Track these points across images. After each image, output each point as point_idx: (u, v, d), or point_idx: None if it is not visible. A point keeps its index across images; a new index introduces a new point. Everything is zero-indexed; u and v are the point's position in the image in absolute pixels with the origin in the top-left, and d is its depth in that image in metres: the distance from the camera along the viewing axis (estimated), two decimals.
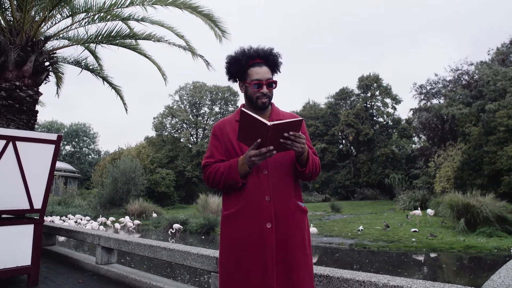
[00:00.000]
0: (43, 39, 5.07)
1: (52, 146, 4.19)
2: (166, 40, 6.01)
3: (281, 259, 1.61)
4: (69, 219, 17.88)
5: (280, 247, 1.62)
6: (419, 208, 15.43)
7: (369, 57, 75.20)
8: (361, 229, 13.00)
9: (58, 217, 18.10)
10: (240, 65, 1.82)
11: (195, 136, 39.53)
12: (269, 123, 1.49)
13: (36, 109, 4.98)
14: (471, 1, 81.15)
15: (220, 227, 1.79)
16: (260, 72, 1.79)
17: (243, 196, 1.68)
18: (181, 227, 14.92)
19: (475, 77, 21.56)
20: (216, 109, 40.37)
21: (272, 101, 1.90)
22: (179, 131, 39.25)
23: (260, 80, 1.77)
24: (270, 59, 1.83)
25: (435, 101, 24.87)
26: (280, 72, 1.91)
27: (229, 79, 1.90)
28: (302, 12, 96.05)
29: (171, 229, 14.74)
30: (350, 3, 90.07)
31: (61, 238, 11.45)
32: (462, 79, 22.90)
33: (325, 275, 2.19)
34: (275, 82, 1.82)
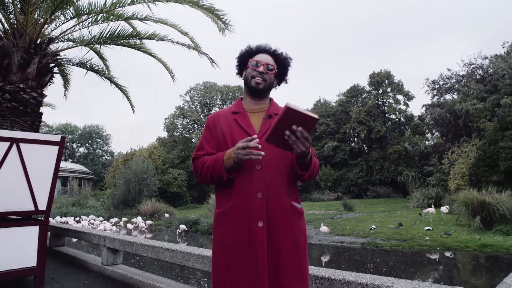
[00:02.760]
0: (46, 41, 5.08)
1: (56, 148, 4.19)
2: (170, 39, 5.98)
3: (272, 262, 1.52)
4: (83, 219, 18.10)
5: (271, 249, 1.53)
6: (433, 206, 15.12)
7: (382, 56, 74.49)
8: (374, 228, 12.80)
9: (72, 218, 18.36)
10: (247, 52, 1.79)
11: None
12: (290, 106, 1.30)
13: (40, 110, 5.00)
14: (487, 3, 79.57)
15: (213, 227, 1.72)
16: (262, 56, 1.76)
17: (234, 193, 1.59)
18: (186, 228, 15.03)
19: (489, 71, 21.03)
20: None
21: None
22: (190, 131, 39.47)
23: (258, 60, 1.73)
24: (277, 55, 1.79)
25: (448, 96, 24.38)
26: (286, 81, 1.86)
27: (237, 73, 1.86)
28: (317, 15, 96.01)
29: (178, 230, 14.86)
30: (364, 5, 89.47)
31: (75, 239, 11.59)
32: (476, 73, 22.39)
33: (326, 277, 2.10)
34: (275, 67, 1.76)
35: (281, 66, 1.79)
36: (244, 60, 1.80)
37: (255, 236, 1.52)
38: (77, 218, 18.84)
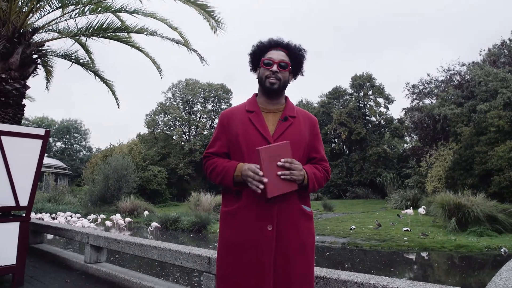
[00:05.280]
0: (31, 30, 4.90)
1: (40, 141, 4.05)
2: (159, 34, 5.87)
3: (280, 264, 1.52)
4: (60, 216, 17.58)
5: (279, 252, 1.53)
6: (411, 208, 15.48)
7: (365, 59, 75.77)
8: (353, 228, 13.01)
9: (48, 214, 17.81)
10: (260, 48, 1.74)
11: (187, 133, 39.29)
12: (259, 148, 1.46)
13: (23, 102, 4.82)
14: (470, 7, 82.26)
15: (219, 224, 1.70)
16: (274, 53, 1.70)
17: (245, 193, 1.58)
18: (158, 225, 14.93)
19: (466, 78, 21.71)
20: (209, 106, 40.16)
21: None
22: (171, 128, 38.97)
23: (271, 59, 1.67)
24: (291, 49, 1.73)
25: (427, 101, 25.01)
26: (302, 73, 1.81)
27: (250, 69, 1.81)
28: (306, 17, 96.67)
29: (150, 228, 14.70)
30: (352, 9, 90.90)
31: (50, 236, 11.26)
32: (454, 79, 23.06)
33: (321, 276, 2.12)
34: (289, 65, 1.70)
35: (295, 60, 1.74)
36: (257, 57, 1.74)
37: (264, 239, 1.52)
38: (53, 215, 18.27)
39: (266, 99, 1.72)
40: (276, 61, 1.67)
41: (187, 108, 39.48)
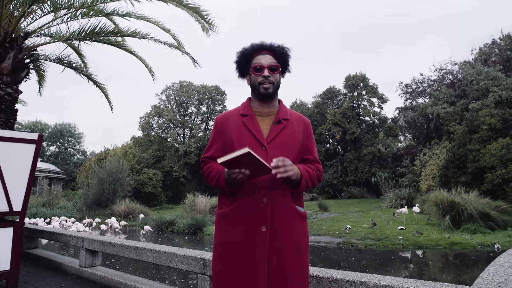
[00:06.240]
0: (22, 35, 4.89)
1: (33, 146, 4.04)
2: (152, 37, 5.88)
3: (274, 265, 1.54)
4: (54, 221, 17.47)
5: (274, 252, 1.55)
6: (405, 206, 15.59)
7: (359, 59, 76.15)
8: (349, 228, 13.07)
9: (42, 219, 17.70)
10: (244, 55, 1.76)
11: (182, 136, 39.20)
12: (219, 160, 1.45)
13: (16, 107, 4.81)
14: (466, 8, 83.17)
15: (214, 226, 1.74)
16: (262, 58, 1.73)
17: (239, 195, 1.61)
18: (151, 229, 15.00)
19: (459, 77, 21.90)
20: (204, 108, 40.11)
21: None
22: (166, 131, 38.86)
23: (261, 64, 1.70)
24: (276, 51, 1.76)
25: (420, 100, 25.17)
26: (289, 70, 1.84)
27: (238, 76, 1.84)
28: (301, 17, 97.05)
29: (142, 231, 14.71)
30: (346, 10, 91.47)
31: (45, 241, 11.18)
32: (446, 78, 23.24)
33: (314, 276, 2.15)
34: (279, 67, 1.73)
35: (281, 60, 1.77)
36: (242, 63, 1.78)
37: (258, 240, 1.54)
38: (47, 220, 18.16)
39: (260, 103, 1.76)
40: (266, 66, 1.70)
41: (181, 110, 39.40)
